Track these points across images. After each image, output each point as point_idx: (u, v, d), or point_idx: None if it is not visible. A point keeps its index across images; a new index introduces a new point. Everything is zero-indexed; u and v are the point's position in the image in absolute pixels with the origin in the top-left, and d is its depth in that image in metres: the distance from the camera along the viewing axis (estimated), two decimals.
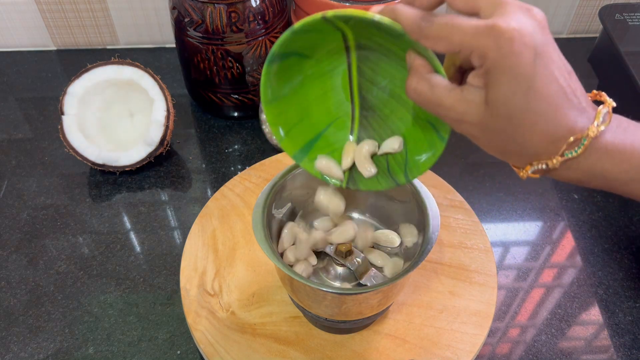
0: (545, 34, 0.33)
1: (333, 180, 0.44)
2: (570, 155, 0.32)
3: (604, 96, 0.34)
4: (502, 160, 0.36)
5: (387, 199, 0.52)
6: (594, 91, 0.35)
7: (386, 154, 0.43)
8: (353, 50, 0.40)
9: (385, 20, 0.34)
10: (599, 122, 0.32)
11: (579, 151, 0.32)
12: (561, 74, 0.33)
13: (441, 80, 0.34)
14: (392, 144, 0.42)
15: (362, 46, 0.40)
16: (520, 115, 0.32)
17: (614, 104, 0.33)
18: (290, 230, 0.49)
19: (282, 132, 0.42)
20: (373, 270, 0.49)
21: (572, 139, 0.32)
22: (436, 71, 0.35)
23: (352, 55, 0.41)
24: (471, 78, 0.33)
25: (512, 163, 0.35)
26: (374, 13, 0.36)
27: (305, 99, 0.42)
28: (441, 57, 0.36)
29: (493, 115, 0.33)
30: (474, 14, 0.33)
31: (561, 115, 0.32)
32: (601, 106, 0.33)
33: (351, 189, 0.44)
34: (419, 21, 0.33)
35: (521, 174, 0.35)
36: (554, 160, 0.33)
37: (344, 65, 0.41)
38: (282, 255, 0.50)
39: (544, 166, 0.33)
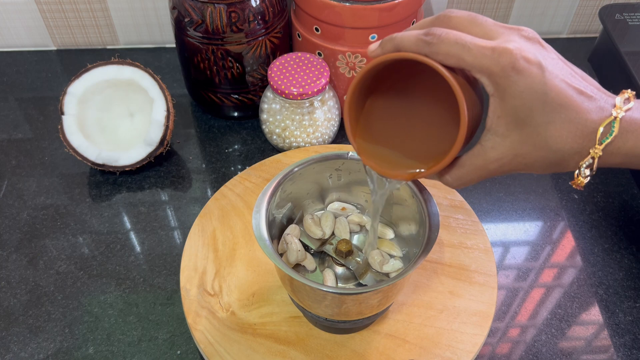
0: (543, 47, 0.35)
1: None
2: (607, 141, 0.34)
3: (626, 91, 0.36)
4: None
5: (388, 198, 0.52)
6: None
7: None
8: None
9: (394, 56, 0.35)
10: (621, 104, 0.34)
11: (614, 134, 0.34)
12: (569, 74, 0.35)
13: (461, 160, 0.37)
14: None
15: None
16: (545, 128, 0.34)
17: (633, 93, 0.35)
18: (285, 237, 0.50)
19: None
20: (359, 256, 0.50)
21: (601, 129, 0.34)
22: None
23: None
24: (485, 135, 0.36)
25: (565, 170, 0.36)
26: (373, 49, 0.37)
27: None
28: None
29: (521, 140, 0.35)
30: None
31: (584, 112, 0.34)
32: (620, 95, 0.35)
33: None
34: (424, 38, 0.35)
35: (579, 180, 0.36)
36: (596, 150, 0.34)
37: None
38: (282, 255, 0.50)
39: (590, 160, 0.35)
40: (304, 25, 0.70)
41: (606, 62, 0.74)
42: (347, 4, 0.63)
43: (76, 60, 0.82)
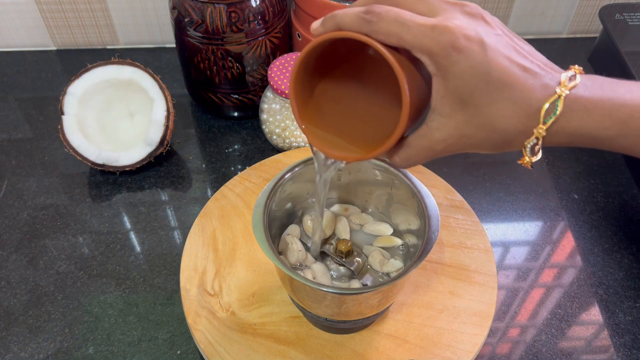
0: (486, 23, 0.34)
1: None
2: (551, 120, 0.33)
3: (574, 67, 0.35)
4: (502, 160, 0.36)
5: (388, 199, 0.52)
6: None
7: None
8: None
9: (333, 35, 0.34)
10: (566, 81, 0.33)
11: (557, 113, 0.32)
12: (514, 50, 0.33)
13: (408, 141, 0.37)
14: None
15: None
16: (489, 108, 0.33)
17: (581, 68, 0.34)
18: (285, 237, 0.50)
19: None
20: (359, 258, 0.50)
21: (547, 105, 0.33)
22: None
23: None
24: (430, 115, 0.35)
25: (512, 150, 0.36)
26: (315, 27, 0.36)
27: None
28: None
29: (465, 121, 0.34)
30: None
31: (528, 90, 0.33)
32: (567, 70, 0.34)
33: None
34: (364, 16, 0.33)
35: (526, 160, 0.35)
36: (540, 130, 0.33)
37: None
38: (281, 255, 0.50)
39: (534, 140, 0.34)
40: (304, 25, 0.70)
41: (606, 62, 0.74)
42: (347, 4, 0.63)
43: (76, 60, 0.82)
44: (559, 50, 0.83)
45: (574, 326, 0.55)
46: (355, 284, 0.49)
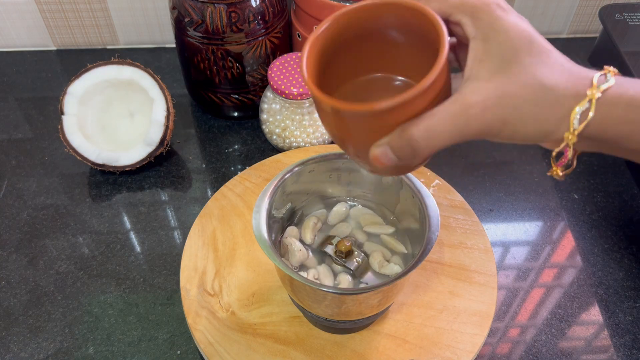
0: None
1: None
2: (607, 85, 0.32)
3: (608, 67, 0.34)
4: (502, 160, 0.36)
5: (388, 199, 0.52)
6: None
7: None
8: None
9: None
10: (597, 80, 0.32)
11: (611, 82, 0.32)
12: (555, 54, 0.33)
13: (431, 111, 0.32)
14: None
15: None
16: (535, 68, 0.31)
17: (616, 70, 0.33)
18: (284, 240, 0.50)
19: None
20: (360, 255, 0.50)
21: (597, 76, 0.32)
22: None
23: None
24: (463, 84, 0.32)
25: (558, 133, 0.32)
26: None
27: None
28: None
29: (506, 82, 0.31)
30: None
31: (572, 66, 0.33)
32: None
33: None
34: None
35: (555, 171, 0.34)
36: (594, 90, 0.31)
37: None
38: (282, 258, 0.50)
39: (587, 104, 0.31)
40: (304, 25, 0.70)
41: (606, 62, 0.74)
42: (347, 4, 0.63)
43: (76, 60, 0.82)
44: (559, 50, 0.83)
45: (574, 326, 0.55)
46: (355, 284, 0.49)
